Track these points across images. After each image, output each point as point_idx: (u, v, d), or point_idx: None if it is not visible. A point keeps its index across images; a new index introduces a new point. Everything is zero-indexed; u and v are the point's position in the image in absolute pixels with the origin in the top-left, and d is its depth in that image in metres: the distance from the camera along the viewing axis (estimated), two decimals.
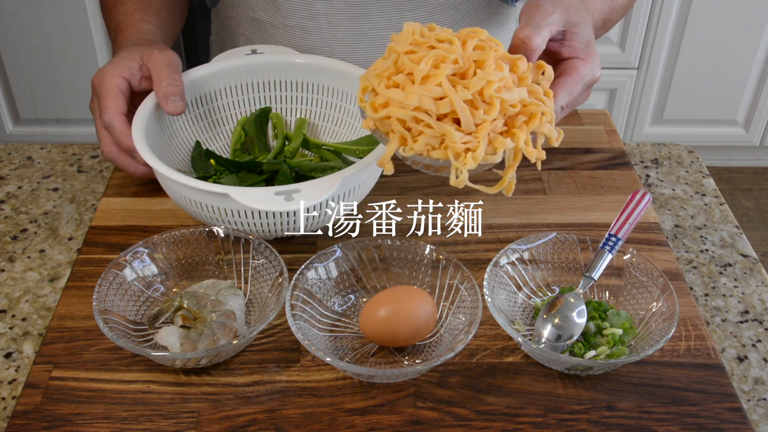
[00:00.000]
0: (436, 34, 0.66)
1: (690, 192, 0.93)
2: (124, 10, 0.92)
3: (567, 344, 0.68)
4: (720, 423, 0.64)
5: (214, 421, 0.63)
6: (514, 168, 0.66)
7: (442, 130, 0.62)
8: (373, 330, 0.67)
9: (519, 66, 0.67)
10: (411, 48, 0.65)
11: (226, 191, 0.69)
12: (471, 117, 0.62)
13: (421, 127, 0.63)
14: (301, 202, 0.68)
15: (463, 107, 0.62)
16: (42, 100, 2.09)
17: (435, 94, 0.62)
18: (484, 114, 0.63)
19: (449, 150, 0.63)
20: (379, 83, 0.65)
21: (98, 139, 0.83)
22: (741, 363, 0.72)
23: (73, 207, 0.89)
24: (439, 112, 0.63)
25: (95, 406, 0.64)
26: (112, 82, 0.81)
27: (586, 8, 0.80)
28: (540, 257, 0.74)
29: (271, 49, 0.93)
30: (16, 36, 1.97)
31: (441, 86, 0.62)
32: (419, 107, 0.63)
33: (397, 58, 0.65)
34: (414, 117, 0.63)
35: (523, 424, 0.63)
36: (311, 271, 0.70)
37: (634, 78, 2.14)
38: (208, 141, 0.91)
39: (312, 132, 0.94)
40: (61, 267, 0.81)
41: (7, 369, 0.70)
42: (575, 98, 0.73)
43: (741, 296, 0.79)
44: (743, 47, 2.09)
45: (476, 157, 0.62)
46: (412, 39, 0.66)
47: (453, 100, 0.62)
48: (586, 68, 0.73)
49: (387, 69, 0.65)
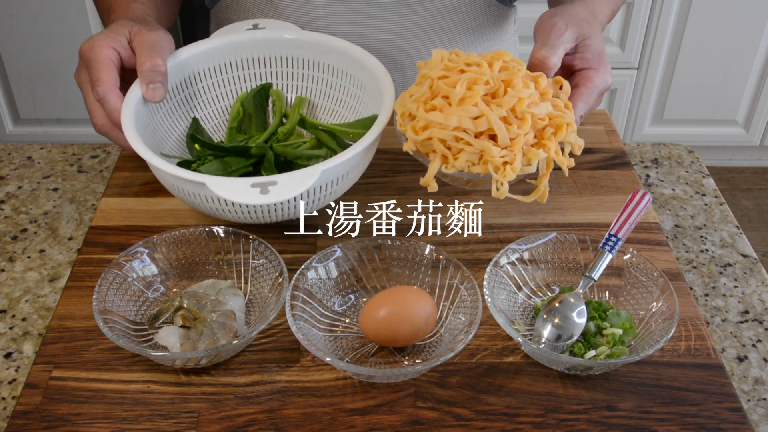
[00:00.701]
0: (464, 58, 0.73)
1: (690, 192, 0.93)
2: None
3: (567, 344, 0.68)
4: (720, 423, 0.64)
5: (214, 421, 0.63)
6: (547, 176, 0.72)
7: (481, 146, 0.69)
8: (373, 330, 0.67)
9: (540, 82, 0.73)
10: (443, 73, 0.72)
11: (203, 180, 0.69)
12: (507, 132, 0.69)
13: (461, 145, 0.69)
14: (276, 195, 0.68)
15: (499, 124, 0.69)
16: (42, 100, 2.09)
17: (473, 114, 0.69)
18: (518, 129, 0.69)
19: (489, 164, 0.69)
20: (418, 108, 0.71)
21: (88, 112, 0.80)
22: (741, 363, 0.72)
23: (73, 207, 0.89)
24: (477, 131, 0.69)
25: (95, 406, 0.64)
26: (104, 53, 0.78)
27: (596, 18, 0.83)
28: (540, 257, 0.74)
29: (273, 24, 0.92)
30: (16, 36, 1.97)
31: (477, 106, 0.69)
32: (459, 127, 0.69)
33: (432, 83, 0.72)
34: (454, 136, 0.69)
35: (523, 424, 0.63)
36: (311, 271, 0.70)
37: (634, 78, 2.14)
38: (207, 117, 0.91)
39: (311, 111, 0.93)
40: (61, 267, 0.81)
41: (7, 369, 0.70)
42: (591, 106, 0.78)
43: (741, 296, 0.79)
44: (743, 47, 2.09)
45: (514, 169, 0.69)
46: (443, 65, 0.73)
47: (490, 118, 0.69)
48: (599, 78, 0.78)
49: (423, 94, 0.72)
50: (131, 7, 0.88)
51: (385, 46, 0.98)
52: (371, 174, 0.86)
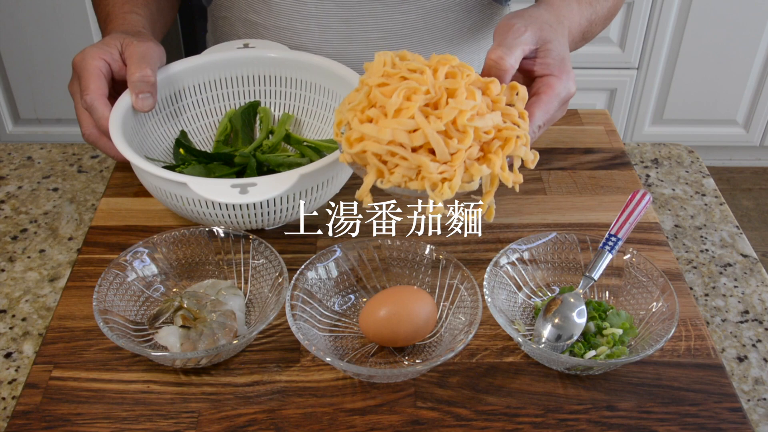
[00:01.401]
0: (408, 63, 0.67)
1: (690, 192, 0.93)
2: (113, 2, 0.92)
3: (567, 344, 0.68)
4: (720, 423, 0.64)
5: (214, 421, 0.63)
6: (492, 194, 0.66)
7: (417, 161, 0.63)
8: (373, 330, 0.67)
9: (492, 89, 0.67)
10: (383, 80, 0.66)
11: (185, 180, 0.70)
12: (445, 147, 0.63)
13: (396, 160, 0.63)
14: (256, 195, 0.68)
15: (436, 138, 0.62)
16: (42, 100, 2.09)
17: (408, 127, 0.63)
18: (458, 143, 0.63)
19: (426, 181, 0.63)
20: (353, 117, 0.65)
21: (78, 121, 0.82)
22: (741, 363, 0.72)
23: (73, 207, 0.89)
24: (413, 144, 0.63)
25: (95, 406, 0.64)
26: (93, 64, 0.80)
27: (561, 23, 0.79)
28: (540, 257, 0.74)
29: (263, 44, 0.93)
30: (16, 36, 1.97)
31: (414, 119, 0.63)
32: (393, 141, 0.63)
33: (369, 90, 0.65)
34: (389, 150, 0.63)
35: (523, 424, 0.63)
36: (311, 271, 0.70)
37: (634, 78, 2.14)
38: (195, 132, 0.92)
39: (297, 128, 0.94)
40: (61, 267, 0.81)
41: (7, 369, 0.70)
42: (552, 116, 0.73)
43: (741, 296, 0.79)
44: (743, 47, 2.09)
45: (453, 187, 0.63)
46: (384, 70, 0.66)
47: (426, 132, 0.62)
48: (561, 85, 0.73)
49: (360, 103, 0.65)
50: (127, 19, 0.89)
51: (376, 44, 0.98)
52: None
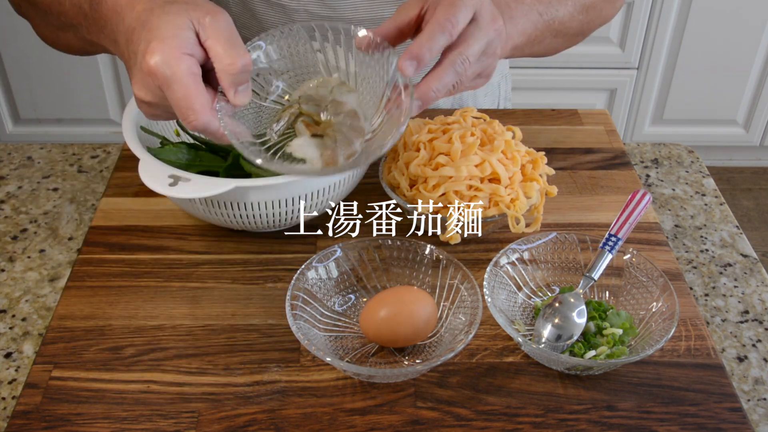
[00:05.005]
0: (442, 119, 0.82)
1: (690, 192, 0.93)
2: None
3: (567, 344, 0.68)
4: (720, 423, 0.64)
5: (214, 421, 0.63)
6: (542, 204, 0.79)
7: (491, 189, 0.76)
8: (373, 330, 0.67)
9: (494, 126, 0.81)
10: (431, 135, 0.79)
11: (142, 156, 0.71)
12: (506, 172, 0.76)
13: (472, 193, 0.76)
14: (181, 191, 0.68)
15: (500, 166, 0.76)
16: (42, 100, 2.09)
17: (476, 162, 0.76)
18: (513, 167, 0.77)
19: (500, 204, 0.76)
20: (423, 170, 0.77)
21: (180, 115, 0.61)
22: (741, 363, 0.72)
23: (73, 207, 0.89)
24: (483, 175, 0.76)
25: (95, 406, 0.64)
26: (183, 68, 0.59)
27: None
28: (540, 257, 0.74)
29: None
30: (16, 36, 1.97)
31: (477, 155, 0.76)
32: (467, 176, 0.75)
33: (427, 145, 0.79)
34: (467, 185, 0.76)
35: (523, 424, 0.63)
36: (311, 271, 0.70)
37: (634, 78, 2.14)
38: None
39: None
40: (61, 267, 0.81)
41: (7, 369, 0.70)
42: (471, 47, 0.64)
43: (741, 296, 0.79)
44: (743, 47, 2.09)
45: (522, 203, 0.76)
46: (427, 128, 0.80)
47: (491, 162, 0.76)
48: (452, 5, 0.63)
49: (422, 158, 0.78)
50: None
51: None
52: (371, 174, 0.86)
